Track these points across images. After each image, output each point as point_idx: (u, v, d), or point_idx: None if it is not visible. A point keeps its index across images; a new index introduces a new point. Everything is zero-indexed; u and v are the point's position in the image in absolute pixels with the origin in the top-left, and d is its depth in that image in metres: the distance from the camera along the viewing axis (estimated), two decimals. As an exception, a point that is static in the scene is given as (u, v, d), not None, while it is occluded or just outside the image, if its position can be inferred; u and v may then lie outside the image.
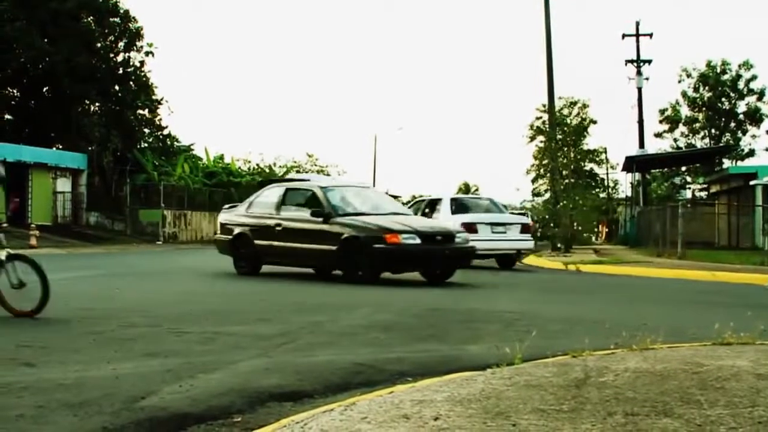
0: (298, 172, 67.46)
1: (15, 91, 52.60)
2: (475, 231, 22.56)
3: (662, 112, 65.17)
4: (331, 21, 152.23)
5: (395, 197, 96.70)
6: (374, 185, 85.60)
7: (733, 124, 63.82)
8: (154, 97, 55.58)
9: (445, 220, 22.68)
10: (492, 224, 24.16)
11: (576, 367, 5.98)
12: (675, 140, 65.03)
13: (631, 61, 49.64)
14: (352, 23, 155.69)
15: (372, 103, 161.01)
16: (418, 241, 16.55)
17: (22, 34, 47.83)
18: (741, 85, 63.20)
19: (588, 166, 58.17)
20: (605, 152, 63.72)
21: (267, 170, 64.21)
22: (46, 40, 49.31)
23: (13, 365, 6.53)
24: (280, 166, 65.91)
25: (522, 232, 24.55)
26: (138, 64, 54.26)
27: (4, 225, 10.46)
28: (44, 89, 51.83)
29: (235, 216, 20.32)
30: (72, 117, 50.28)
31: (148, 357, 7.02)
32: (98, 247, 37.62)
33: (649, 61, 50.10)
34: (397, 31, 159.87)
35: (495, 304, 12.42)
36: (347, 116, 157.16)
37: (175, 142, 59.46)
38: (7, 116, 52.12)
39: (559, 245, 34.57)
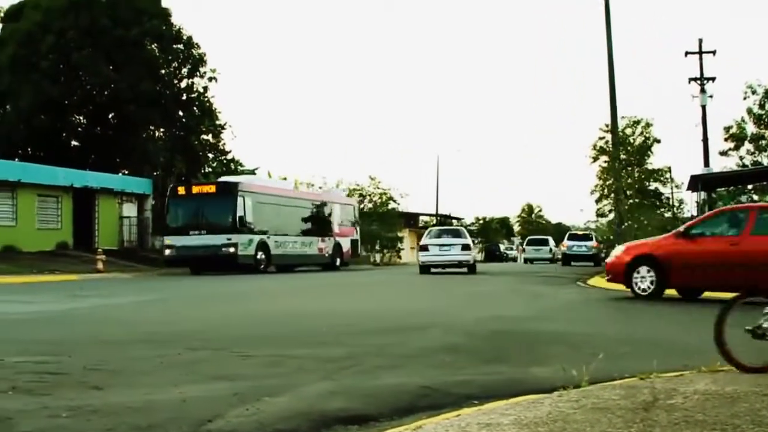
0: (360, 195, 67.61)
1: (81, 117, 53.41)
2: (427, 249, 35.65)
3: (727, 129, 64.19)
4: (395, 45, 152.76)
5: (457, 219, 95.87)
6: (437, 207, 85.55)
7: (801, 140, 62.72)
8: (217, 122, 56.12)
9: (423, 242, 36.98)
10: (439, 245, 35.59)
11: (644, 390, 5.90)
12: (741, 158, 64.00)
13: (695, 79, 49.05)
14: (414, 47, 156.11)
15: (435, 125, 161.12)
16: None
17: (89, 61, 48.60)
18: (808, 100, 62.12)
19: (652, 185, 57.42)
20: (670, 171, 62.91)
21: (329, 193, 64.33)
22: (111, 67, 50.06)
23: (82, 388, 6.59)
24: (342, 190, 66.04)
25: (462, 250, 35.41)
26: (201, 90, 54.84)
27: None
28: (110, 115, 52.57)
29: None
30: (137, 143, 50.91)
31: (214, 380, 7.04)
32: (164, 270, 37.95)
33: (713, 79, 49.48)
34: (459, 54, 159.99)
35: (559, 325, 12.31)
36: (410, 139, 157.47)
37: (239, 167, 59.95)
38: (74, 142, 52.92)
39: (624, 266, 34.12)
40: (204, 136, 56.36)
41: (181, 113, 54.38)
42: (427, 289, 23.88)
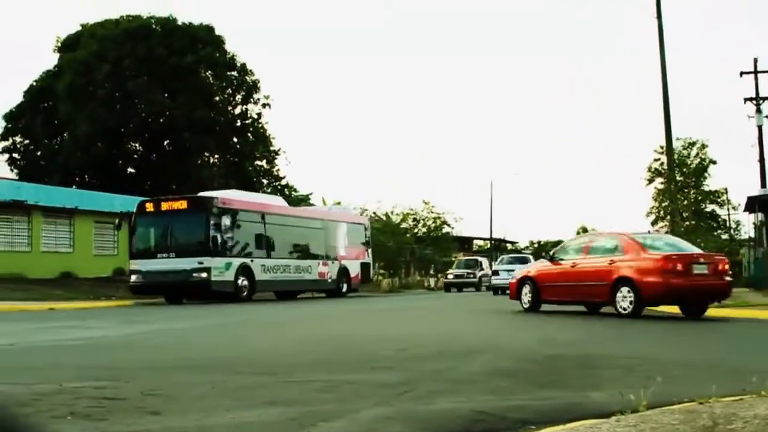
0: (414, 220, 67.60)
1: (137, 145, 54.05)
2: (498, 274, 43.78)
3: (784, 149, 63.46)
4: (446, 68, 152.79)
5: (511, 243, 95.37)
6: (491, 231, 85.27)
7: None
8: (271, 148, 56.58)
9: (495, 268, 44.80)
10: (508, 270, 39.50)
11: (703, 414, 5.81)
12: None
13: (750, 99, 48.54)
14: (465, 70, 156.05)
15: (488, 148, 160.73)
16: None
17: (144, 90, 49.23)
18: None
19: (709, 207, 56.94)
20: (726, 193, 62.37)
21: (384, 218, 64.44)
22: (166, 95, 50.66)
23: (140, 413, 6.62)
24: (396, 214, 66.11)
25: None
26: (255, 116, 55.39)
27: None
28: (165, 142, 53.18)
29: None
30: (192, 169, 51.38)
31: (268, 405, 7.03)
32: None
33: (769, 99, 48.95)
34: (511, 77, 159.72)
35: (612, 348, 12.19)
36: (463, 163, 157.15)
37: (293, 192, 60.23)
38: (130, 169, 53.53)
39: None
40: (258, 162, 56.84)
41: (235, 139, 54.91)
42: (480, 313, 23.77)
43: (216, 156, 55.39)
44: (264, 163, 57.40)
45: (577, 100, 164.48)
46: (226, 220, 32.37)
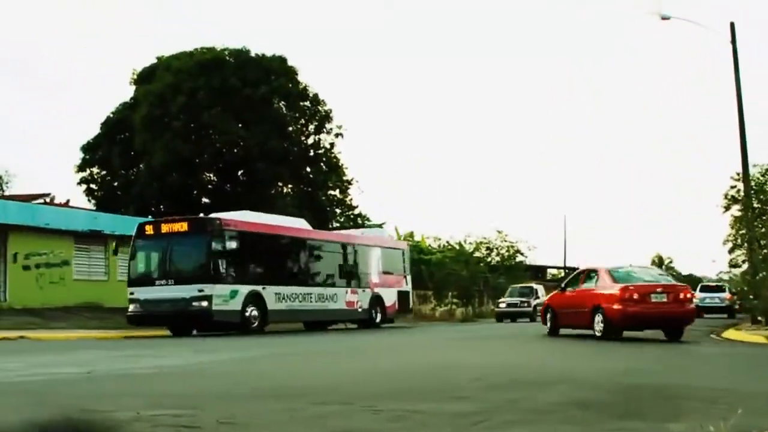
0: (488, 248, 67.27)
1: (211, 175, 54.60)
2: None
3: None
4: (520, 99, 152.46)
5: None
6: (565, 260, 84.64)
7: None
8: (344, 178, 56.77)
9: None
10: None
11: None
12: None
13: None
14: (539, 101, 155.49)
15: (562, 176, 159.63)
16: None
17: (218, 120, 49.77)
18: None
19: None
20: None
21: (457, 247, 64.25)
22: (240, 125, 51.14)
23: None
24: (469, 243, 65.87)
25: None
26: (328, 146, 55.64)
27: None
28: (239, 173, 53.62)
29: None
30: (266, 199, 51.70)
31: (342, 434, 7.00)
32: (293, 324, 38.19)
33: None
34: (586, 106, 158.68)
35: (691, 379, 11.96)
36: (537, 191, 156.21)
37: (366, 221, 60.32)
38: (205, 199, 54.06)
39: (759, 318, 33.19)
40: (331, 192, 57.03)
41: (308, 169, 55.20)
42: (555, 342, 23.55)
43: (289, 186, 55.72)
44: (337, 192, 57.63)
45: (652, 129, 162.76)
46: (231, 244, 29.21)
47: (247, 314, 29.37)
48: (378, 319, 37.23)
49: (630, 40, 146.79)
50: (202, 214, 35.37)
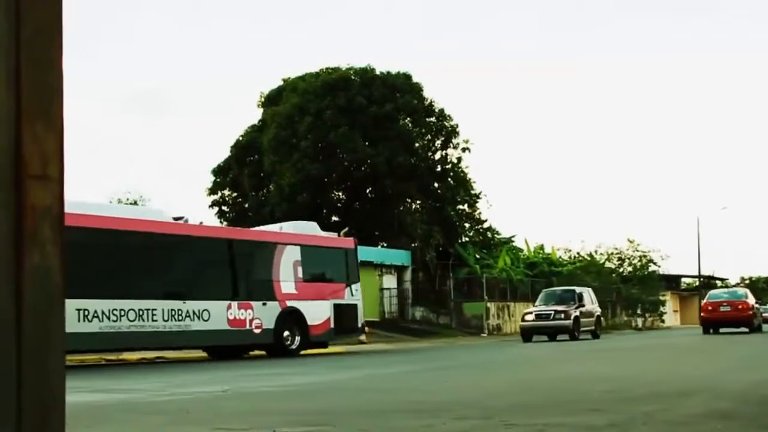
0: (619, 259, 66.26)
1: (340, 193, 55.03)
2: None
3: None
4: (647, 103, 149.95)
5: (721, 280, 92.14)
6: (699, 268, 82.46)
7: None
8: (472, 192, 56.60)
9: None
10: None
11: None
12: None
13: None
14: (666, 104, 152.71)
15: (694, 183, 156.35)
16: None
17: (346, 139, 50.15)
18: None
19: None
20: None
21: (588, 258, 63.45)
22: (367, 143, 51.42)
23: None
24: (600, 254, 64.97)
25: None
26: (455, 161, 55.54)
27: None
28: (367, 190, 53.88)
29: None
30: (395, 215, 51.86)
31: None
32: (425, 341, 38.17)
33: None
34: (709, 108, 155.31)
35: None
36: (669, 198, 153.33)
37: (495, 235, 60.04)
38: (334, 218, 54.48)
39: None
40: (460, 207, 56.90)
41: (436, 185, 55.21)
42: (695, 351, 22.91)
43: (418, 202, 55.81)
44: (465, 206, 57.48)
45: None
46: None
47: None
48: (294, 344, 27.41)
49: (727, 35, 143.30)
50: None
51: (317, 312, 28.03)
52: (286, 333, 27.10)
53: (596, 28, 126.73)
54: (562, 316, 36.81)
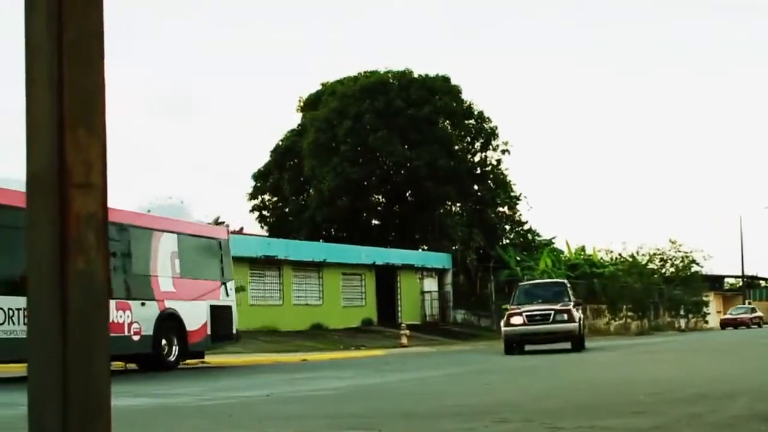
0: (662, 260, 65.73)
1: (380, 197, 55.08)
2: None
3: None
4: (690, 100, 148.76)
5: (765, 280, 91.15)
6: (743, 269, 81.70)
7: None
8: (512, 194, 56.48)
9: None
10: None
11: None
12: None
13: None
14: (709, 102, 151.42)
15: (737, 182, 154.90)
16: None
17: (385, 142, 50.21)
18: None
19: None
20: None
21: (630, 259, 63.03)
22: (406, 146, 51.43)
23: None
24: (642, 255, 64.50)
25: None
26: (495, 163, 55.48)
27: None
28: (407, 193, 53.90)
29: None
30: (435, 218, 51.83)
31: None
32: (466, 344, 38.08)
33: None
34: (752, 106, 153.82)
35: None
36: (711, 198, 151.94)
37: (536, 237, 59.83)
38: (374, 221, 54.54)
39: None
40: (500, 209, 56.79)
41: (476, 187, 55.15)
42: (738, 353, 22.70)
43: (458, 204, 55.78)
44: (506, 209, 57.36)
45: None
46: None
47: None
48: (172, 354, 21.86)
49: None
50: None
51: (195, 315, 22.54)
52: (164, 341, 21.46)
53: (639, 25, 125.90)
54: (565, 317, 26.57)
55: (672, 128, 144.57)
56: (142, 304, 20.65)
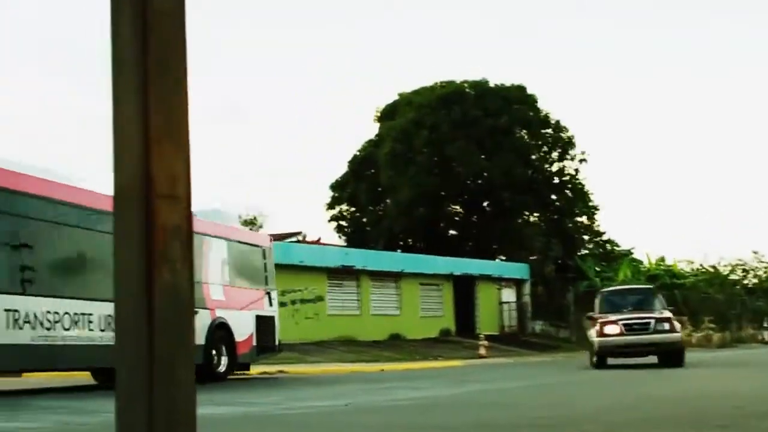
0: (744, 271, 64.67)
1: (457, 207, 55.02)
2: None
3: None
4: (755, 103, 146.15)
5: None
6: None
7: None
8: (590, 204, 56.02)
9: None
10: None
11: None
12: None
13: None
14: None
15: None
16: None
17: (462, 152, 50.19)
18: None
19: None
20: None
21: (711, 270, 62.09)
22: (483, 156, 51.33)
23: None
24: (724, 266, 63.51)
25: None
26: (572, 173, 55.11)
27: None
28: (484, 203, 53.76)
29: None
30: (512, 228, 51.63)
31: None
32: (544, 355, 37.82)
33: None
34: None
35: None
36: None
37: (615, 247, 59.26)
38: (451, 231, 54.47)
39: None
40: (578, 219, 56.36)
41: (553, 197, 54.82)
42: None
43: (536, 214, 55.51)
44: (584, 219, 56.91)
45: None
46: None
47: None
48: (222, 366, 20.64)
49: None
50: None
51: (243, 325, 21.70)
52: (215, 351, 20.42)
53: (715, 28, 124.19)
54: (667, 326, 23.82)
55: (753, 136, 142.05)
56: (195, 312, 17.96)
